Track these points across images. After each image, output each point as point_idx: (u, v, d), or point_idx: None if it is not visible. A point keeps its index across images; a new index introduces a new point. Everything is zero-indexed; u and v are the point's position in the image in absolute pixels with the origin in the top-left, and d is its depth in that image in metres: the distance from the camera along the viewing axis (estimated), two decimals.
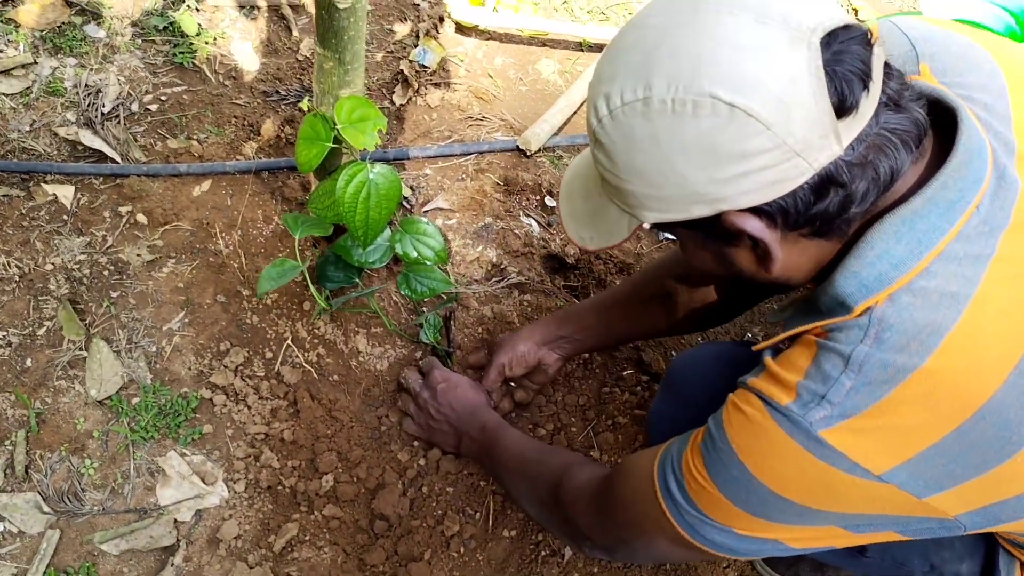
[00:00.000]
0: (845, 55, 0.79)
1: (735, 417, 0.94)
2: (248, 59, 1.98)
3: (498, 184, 1.91)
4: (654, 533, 1.06)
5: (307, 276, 1.52)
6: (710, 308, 1.48)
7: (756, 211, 0.84)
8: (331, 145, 1.43)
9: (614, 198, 0.93)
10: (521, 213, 1.89)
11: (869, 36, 0.81)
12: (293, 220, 1.51)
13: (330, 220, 1.52)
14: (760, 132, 0.77)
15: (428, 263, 1.57)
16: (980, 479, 0.89)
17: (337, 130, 1.39)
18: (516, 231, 1.85)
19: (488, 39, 2.17)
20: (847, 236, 0.88)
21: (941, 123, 0.89)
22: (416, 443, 1.63)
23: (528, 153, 1.97)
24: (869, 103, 0.81)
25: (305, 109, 1.89)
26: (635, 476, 1.09)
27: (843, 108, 0.79)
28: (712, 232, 0.88)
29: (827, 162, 0.80)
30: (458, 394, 1.57)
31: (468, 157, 1.95)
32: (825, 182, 0.81)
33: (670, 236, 1.99)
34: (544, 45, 2.21)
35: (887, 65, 0.84)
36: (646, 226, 0.92)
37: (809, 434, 0.87)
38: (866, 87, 0.80)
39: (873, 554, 1.27)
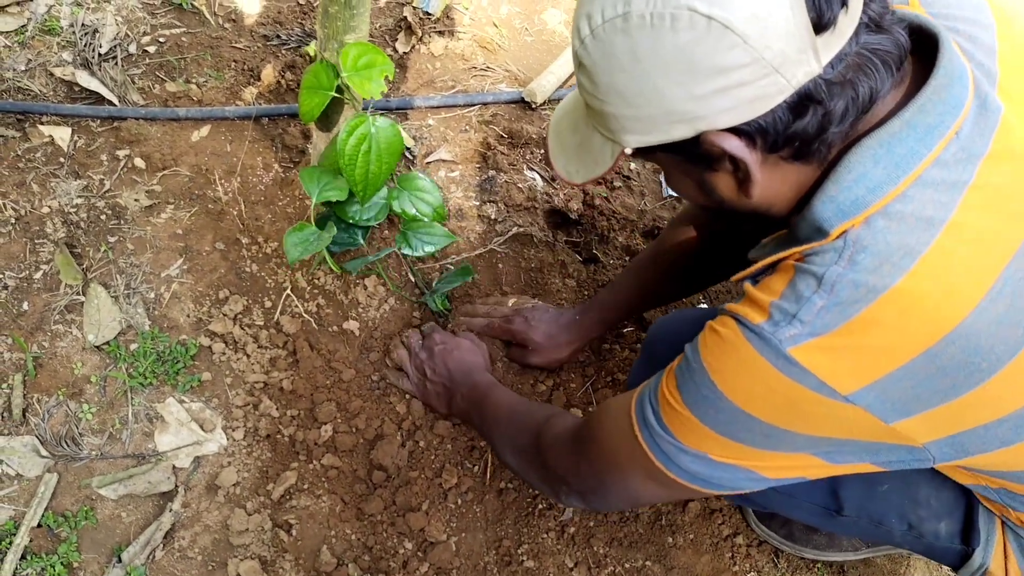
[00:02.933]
0: None
1: (709, 338, 0.96)
2: (248, 1, 1.93)
3: (502, 136, 1.89)
4: (628, 468, 1.08)
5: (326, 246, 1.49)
6: (697, 262, 1.50)
7: (735, 131, 0.84)
8: (333, 94, 1.40)
9: (598, 125, 0.93)
10: (525, 166, 1.87)
11: None
12: (309, 176, 1.47)
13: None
14: (736, 45, 0.77)
15: (425, 220, 1.55)
16: (948, 405, 0.90)
17: (341, 79, 1.35)
18: (519, 184, 1.83)
19: None
20: (826, 161, 0.88)
21: (922, 50, 0.89)
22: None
23: (533, 105, 1.94)
24: (848, 21, 0.81)
25: (312, 54, 1.85)
26: (612, 414, 1.11)
27: (821, 23, 0.79)
28: (693, 155, 0.88)
29: (805, 79, 0.80)
30: (455, 356, 1.57)
31: (472, 108, 1.92)
32: (803, 100, 0.81)
33: (673, 193, 1.97)
34: None
35: None
36: (628, 151, 0.92)
37: (778, 352, 0.88)
38: (844, 4, 0.80)
39: (850, 513, 1.28)
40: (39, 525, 1.40)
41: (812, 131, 0.83)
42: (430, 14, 2.01)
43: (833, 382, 0.87)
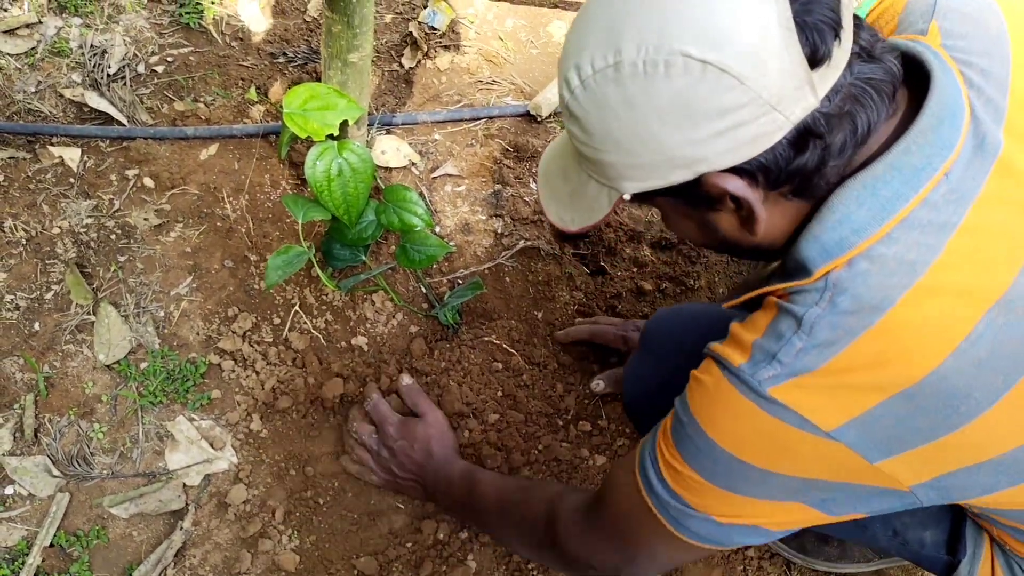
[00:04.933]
0: (814, 5, 0.79)
1: (695, 389, 0.95)
2: (255, 20, 1.95)
3: (508, 150, 1.89)
4: (651, 539, 1.05)
5: (314, 261, 1.50)
6: None
7: (736, 171, 0.83)
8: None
9: (592, 172, 0.93)
10: (531, 180, 1.87)
11: None
12: (294, 202, 1.49)
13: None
14: (734, 87, 0.77)
15: (417, 229, 1.56)
16: (929, 446, 0.90)
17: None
18: (526, 198, 1.84)
19: (499, 0, 2.13)
20: (823, 195, 0.87)
21: (919, 84, 0.87)
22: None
23: (539, 119, 1.94)
24: (842, 53, 0.81)
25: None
26: (620, 485, 1.08)
27: (816, 58, 0.79)
28: (693, 198, 0.88)
29: (803, 115, 0.80)
30: (417, 449, 1.48)
31: (478, 122, 1.92)
32: (803, 135, 0.81)
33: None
34: (555, 7, 2.17)
35: (856, 17, 0.85)
36: (626, 198, 0.92)
37: (759, 392, 0.88)
38: (837, 36, 0.80)
39: None
40: (51, 545, 1.41)
41: (812, 166, 0.83)
42: (436, 29, 2.02)
43: (815, 418, 0.87)
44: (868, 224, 0.84)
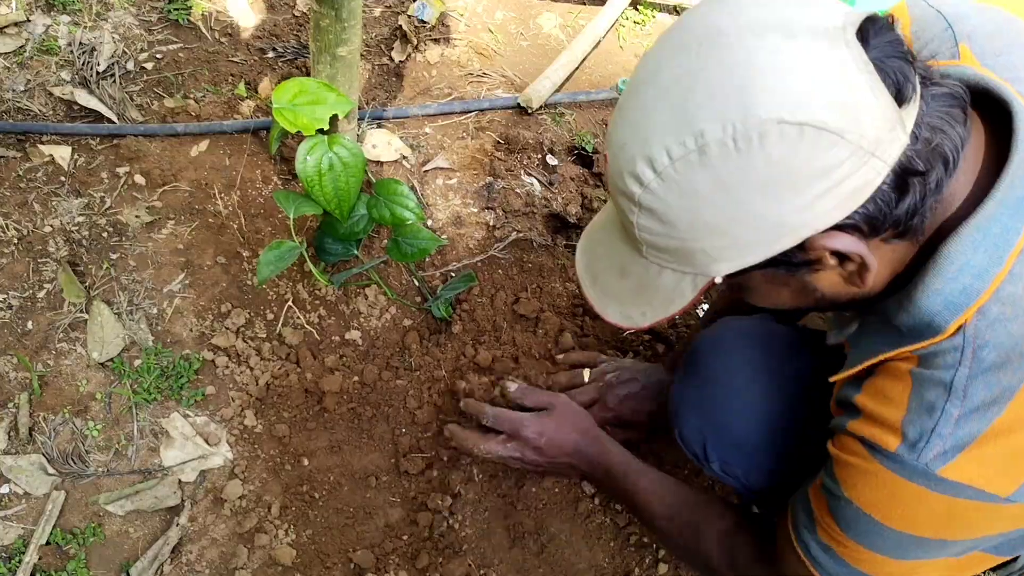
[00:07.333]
0: (886, 44, 0.76)
1: (846, 472, 0.92)
2: (244, 15, 1.94)
3: (499, 143, 1.89)
4: None
5: (306, 256, 1.50)
6: None
7: (839, 227, 0.79)
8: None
9: (672, 264, 0.87)
10: (522, 172, 1.87)
11: (892, 19, 0.79)
12: (285, 197, 1.49)
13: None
14: (835, 143, 0.73)
15: (409, 223, 1.55)
16: None
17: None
18: (517, 190, 1.84)
19: None
20: (923, 237, 0.84)
21: (990, 112, 0.85)
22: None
23: (529, 110, 1.94)
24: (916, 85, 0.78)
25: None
26: (787, 553, 1.07)
27: (903, 96, 0.76)
28: (794, 263, 0.84)
29: (898, 155, 0.76)
30: (563, 439, 1.43)
31: (469, 115, 1.92)
32: (902, 176, 0.77)
33: None
34: None
35: None
36: (718, 280, 0.86)
37: (928, 475, 0.85)
38: (913, 69, 0.77)
39: None
40: (48, 543, 1.41)
41: (916, 205, 0.80)
42: (425, 22, 2.02)
43: (992, 488, 0.85)
44: (989, 266, 0.81)
